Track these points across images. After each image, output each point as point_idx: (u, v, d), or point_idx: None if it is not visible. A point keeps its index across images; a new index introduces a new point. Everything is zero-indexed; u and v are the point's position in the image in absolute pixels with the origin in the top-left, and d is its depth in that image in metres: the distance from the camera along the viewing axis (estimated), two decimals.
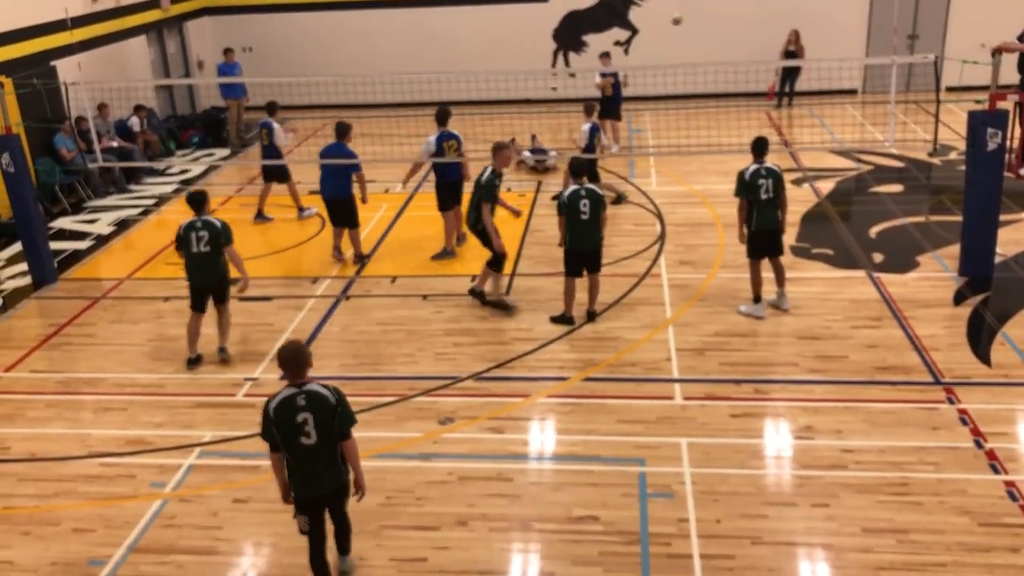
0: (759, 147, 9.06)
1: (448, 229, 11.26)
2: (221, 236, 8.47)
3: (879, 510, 6.29)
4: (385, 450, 7.27)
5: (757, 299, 9.30)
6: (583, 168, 9.20)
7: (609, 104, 14.96)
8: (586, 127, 12.13)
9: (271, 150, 12.62)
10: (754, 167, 9.01)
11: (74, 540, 6.40)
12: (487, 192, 9.38)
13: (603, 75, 14.69)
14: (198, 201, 8.56)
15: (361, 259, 11.31)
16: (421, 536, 6.28)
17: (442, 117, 11.11)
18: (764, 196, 8.92)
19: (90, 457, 7.40)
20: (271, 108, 12.72)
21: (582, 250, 9.08)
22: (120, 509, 6.70)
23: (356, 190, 10.97)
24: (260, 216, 12.99)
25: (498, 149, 9.53)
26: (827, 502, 6.39)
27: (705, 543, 6.06)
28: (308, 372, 5.35)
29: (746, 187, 8.98)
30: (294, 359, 5.29)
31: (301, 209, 13.03)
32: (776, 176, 8.95)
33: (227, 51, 17.19)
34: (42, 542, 6.40)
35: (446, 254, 11.24)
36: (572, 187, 9.01)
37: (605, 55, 15.33)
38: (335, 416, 5.30)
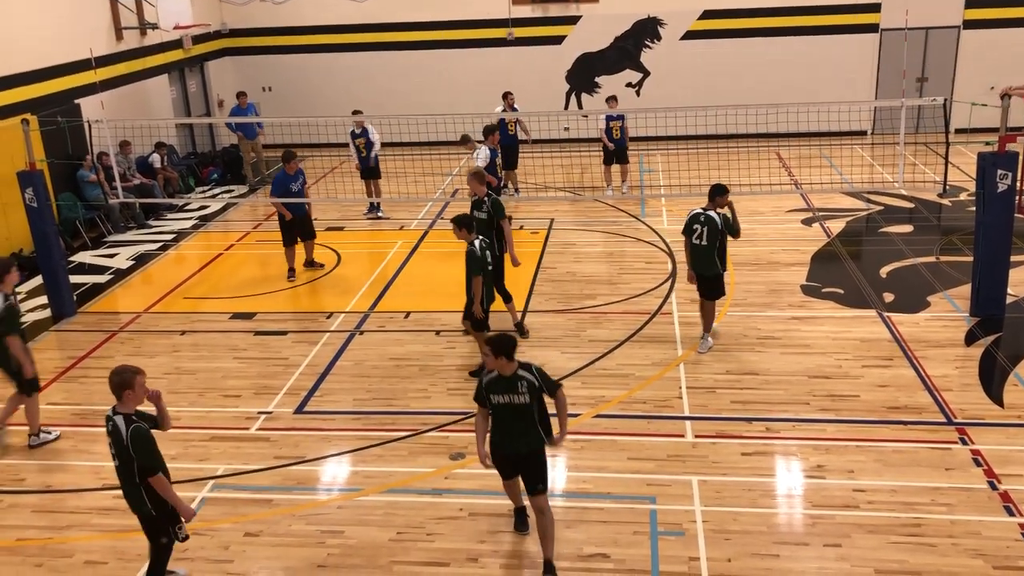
0: (710, 192, 9.20)
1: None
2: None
3: (892, 551, 6.26)
4: (396, 485, 7.30)
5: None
6: (472, 221, 8.97)
7: (616, 147, 15.18)
8: (486, 150, 12.54)
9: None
10: (695, 211, 9.19)
11: (86, 572, 6.44)
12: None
13: (609, 119, 14.99)
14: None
15: (312, 265, 12.38)
16: (431, 572, 6.28)
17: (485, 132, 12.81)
18: (695, 241, 9.12)
19: (104, 489, 7.45)
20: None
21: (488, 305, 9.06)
22: (132, 542, 6.71)
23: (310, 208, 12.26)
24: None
25: None
26: (839, 542, 6.37)
27: None
28: (127, 399, 5.57)
29: (684, 227, 9.27)
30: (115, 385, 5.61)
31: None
32: (710, 223, 9.02)
33: (240, 94, 17.54)
34: (55, 574, 6.44)
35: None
36: (476, 242, 8.79)
37: (612, 98, 15.58)
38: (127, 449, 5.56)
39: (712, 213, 9.06)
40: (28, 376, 7.92)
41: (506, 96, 15.76)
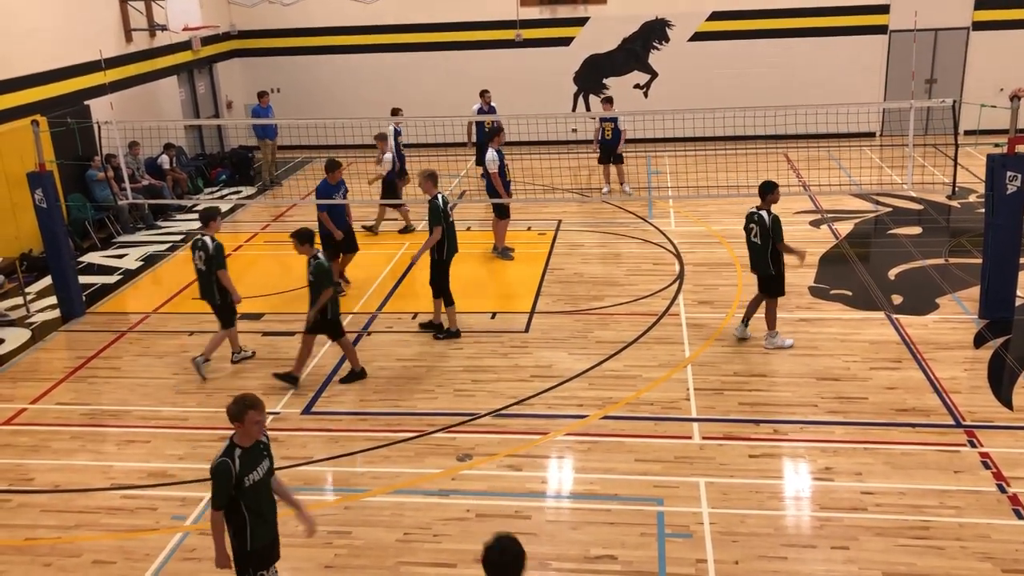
0: (759, 190, 9.28)
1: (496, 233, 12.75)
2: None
3: (900, 554, 6.24)
4: (403, 486, 7.31)
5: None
6: (312, 235, 8.82)
7: (609, 148, 15.18)
8: (493, 152, 12.38)
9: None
10: (751, 209, 9.31)
11: (95, 572, 6.46)
12: None
13: (603, 120, 15.02)
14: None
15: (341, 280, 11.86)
16: (438, 573, 6.29)
17: (489, 134, 12.63)
18: (753, 239, 9.22)
19: (113, 489, 7.49)
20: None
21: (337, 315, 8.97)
22: (141, 542, 6.76)
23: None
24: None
25: None
26: (847, 544, 6.35)
27: None
28: (238, 431, 5.28)
29: (744, 225, 9.42)
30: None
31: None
32: (762, 223, 9.10)
33: (261, 94, 17.61)
34: (63, 573, 6.47)
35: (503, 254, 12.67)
36: (320, 255, 8.76)
37: (607, 100, 15.58)
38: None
39: (763, 212, 9.13)
40: (236, 302, 9.30)
41: (483, 94, 15.97)
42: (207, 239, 9.16)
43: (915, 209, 14.26)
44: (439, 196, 9.82)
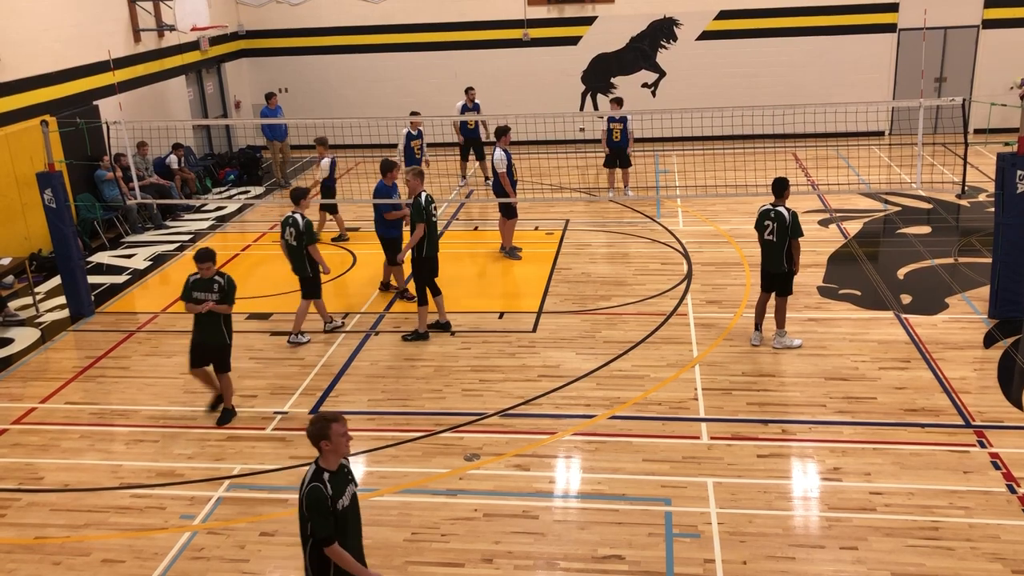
0: (775, 187, 9.23)
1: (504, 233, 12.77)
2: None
3: (909, 555, 6.21)
4: (411, 486, 7.32)
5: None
6: (214, 253, 8.44)
7: (615, 150, 15.12)
8: (501, 152, 12.25)
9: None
10: (765, 207, 9.24)
11: (104, 571, 6.49)
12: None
13: (610, 120, 14.94)
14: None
15: (388, 288, 11.72)
16: (446, 573, 6.29)
17: (497, 134, 12.53)
18: (767, 237, 9.16)
19: (121, 488, 7.51)
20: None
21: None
22: (150, 540, 6.79)
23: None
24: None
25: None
26: (855, 545, 6.33)
27: None
28: (325, 452, 4.81)
29: (756, 223, 9.33)
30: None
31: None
32: (780, 220, 9.05)
33: (269, 96, 17.61)
34: (73, 572, 6.49)
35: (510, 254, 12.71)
36: (227, 274, 8.48)
37: (616, 101, 15.56)
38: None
39: (782, 209, 9.09)
40: (325, 272, 10.04)
41: (467, 91, 16.22)
42: (298, 216, 9.81)
43: (924, 208, 14.20)
44: (422, 194, 9.80)
